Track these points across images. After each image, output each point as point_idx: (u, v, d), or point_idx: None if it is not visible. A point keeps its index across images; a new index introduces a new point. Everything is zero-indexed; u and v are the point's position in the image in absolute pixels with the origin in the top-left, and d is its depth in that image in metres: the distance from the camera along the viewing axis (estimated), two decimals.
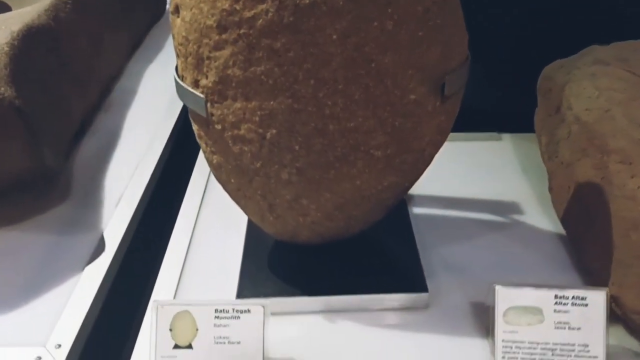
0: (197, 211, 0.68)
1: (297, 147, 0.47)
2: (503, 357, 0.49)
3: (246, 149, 0.49)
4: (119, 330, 0.58)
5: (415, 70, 0.45)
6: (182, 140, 0.86)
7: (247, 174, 0.51)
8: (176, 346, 0.47)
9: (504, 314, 0.49)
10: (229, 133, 0.48)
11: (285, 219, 0.53)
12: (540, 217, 0.67)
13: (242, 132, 0.47)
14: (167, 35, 1.10)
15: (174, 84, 0.49)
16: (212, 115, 0.48)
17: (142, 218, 0.67)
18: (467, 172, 0.75)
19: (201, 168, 0.77)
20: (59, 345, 0.49)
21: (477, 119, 0.84)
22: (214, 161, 0.53)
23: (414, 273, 0.57)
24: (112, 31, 0.93)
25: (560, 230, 0.65)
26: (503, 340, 0.49)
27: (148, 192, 0.70)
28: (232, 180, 0.53)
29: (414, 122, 0.47)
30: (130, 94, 0.93)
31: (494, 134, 0.83)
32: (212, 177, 0.76)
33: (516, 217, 0.68)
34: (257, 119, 0.46)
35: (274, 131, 0.46)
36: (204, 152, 0.53)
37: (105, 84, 0.91)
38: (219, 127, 0.49)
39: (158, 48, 1.07)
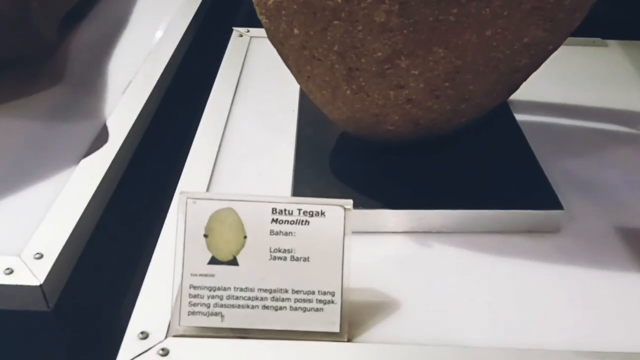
0: (230, 101, 0.52)
1: None
2: None
3: None
4: (127, 240, 0.43)
5: None
6: (208, 29, 0.70)
7: (321, 18, 0.34)
8: (214, 260, 0.32)
9: None
10: None
11: (369, 94, 0.37)
12: None
13: None
14: None
15: None
16: None
17: (158, 108, 0.51)
18: (575, 78, 0.59)
19: (234, 53, 0.60)
20: (40, 256, 0.34)
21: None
22: (270, 1, 0.37)
23: (538, 185, 0.41)
24: None
25: None
26: None
27: (165, 79, 0.54)
28: (296, 31, 0.37)
29: None
30: None
31: (598, 40, 0.67)
32: (249, 62, 0.60)
33: None
34: None
35: None
36: None
37: None
38: None
39: None
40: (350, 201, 0.33)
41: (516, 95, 0.55)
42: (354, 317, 0.33)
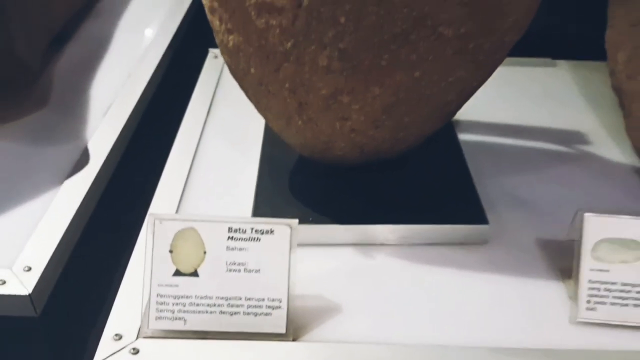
0: (202, 124, 0.57)
1: (342, 19, 0.36)
2: (588, 302, 0.39)
3: (274, 22, 0.37)
4: (105, 255, 0.48)
5: None
6: (184, 52, 0.75)
7: (273, 59, 0.40)
8: (177, 272, 0.37)
9: (593, 249, 0.39)
10: (252, 0, 0.37)
11: (317, 124, 0.43)
12: (611, 148, 0.57)
13: None
14: None
15: None
16: None
17: (136, 130, 0.56)
18: (521, 98, 0.64)
19: (208, 77, 0.65)
20: (29, 269, 0.39)
21: (527, 43, 0.74)
22: (230, 44, 0.41)
23: (470, 202, 0.47)
24: None
25: (636, 162, 0.54)
26: (590, 281, 0.39)
27: (143, 102, 0.59)
28: (253, 70, 0.42)
29: None
30: (124, 2, 0.81)
31: (548, 60, 0.72)
32: (221, 87, 0.65)
33: (582, 147, 0.58)
34: None
35: None
36: (217, 32, 0.42)
37: None
38: None
39: None
40: (296, 220, 0.38)
41: (463, 116, 0.60)
42: (299, 320, 0.38)
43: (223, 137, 0.56)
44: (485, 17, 0.36)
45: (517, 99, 0.65)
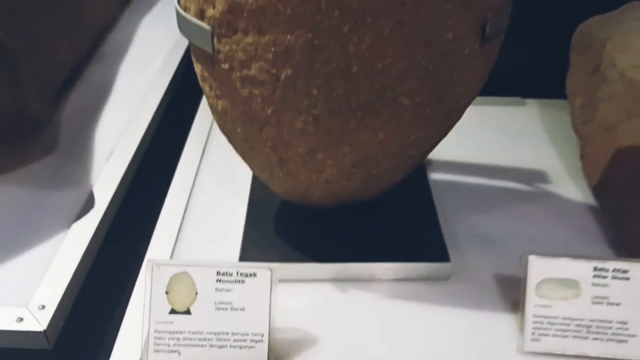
0: (196, 168, 0.63)
1: (315, 91, 0.42)
2: (533, 334, 0.44)
3: (256, 92, 0.43)
4: (109, 293, 0.53)
5: (455, 4, 0.39)
6: (181, 94, 0.81)
7: (256, 122, 0.45)
8: (173, 311, 0.42)
9: (537, 287, 0.45)
10: (238, 73, 0.43)
11: (296, 176, 0.48)
12: (569, 187, 0.62)
13: (252, 72, 0.42)
14: None
15: (171, 36, 0.43)
16: (219, 52, 0.42)
17: (135, 174, 0.61)
18: (490, 137, 0.70)
19: (202, 120, 0.71)
20: (43, 307, 0.44)
21: (499, 83, 0.79)
22: (219, 107, 0.47)
23: (434, 241, 0.52)
24: None
25: (591, 201, 0.60)
26: (534, 316, 0.44)
27: (143, 146, 0.64)
28: (239, 130, 0.47)
29: (450, 66, 0.42)
30: (125, 45, 0.87)
31: (518, 99, 0.78)
32: (214, 132, 0.71)
33: (543, 186, 0.63)
34: (270, 56, 0.40)
35: (290, 71, 0.41)
36: (208, 97, 0.48)
37: (97, 33, 0.85)
38: (226, 66, 0.43)
39: None
40: (276, 264, 0.43)
41: (435, 155, 0.65)
42: (280, 351, 0.44)
43: (215, 180, 0.62)
44: (439, 89, 0.42)
45: (487, 138, 0.70)
